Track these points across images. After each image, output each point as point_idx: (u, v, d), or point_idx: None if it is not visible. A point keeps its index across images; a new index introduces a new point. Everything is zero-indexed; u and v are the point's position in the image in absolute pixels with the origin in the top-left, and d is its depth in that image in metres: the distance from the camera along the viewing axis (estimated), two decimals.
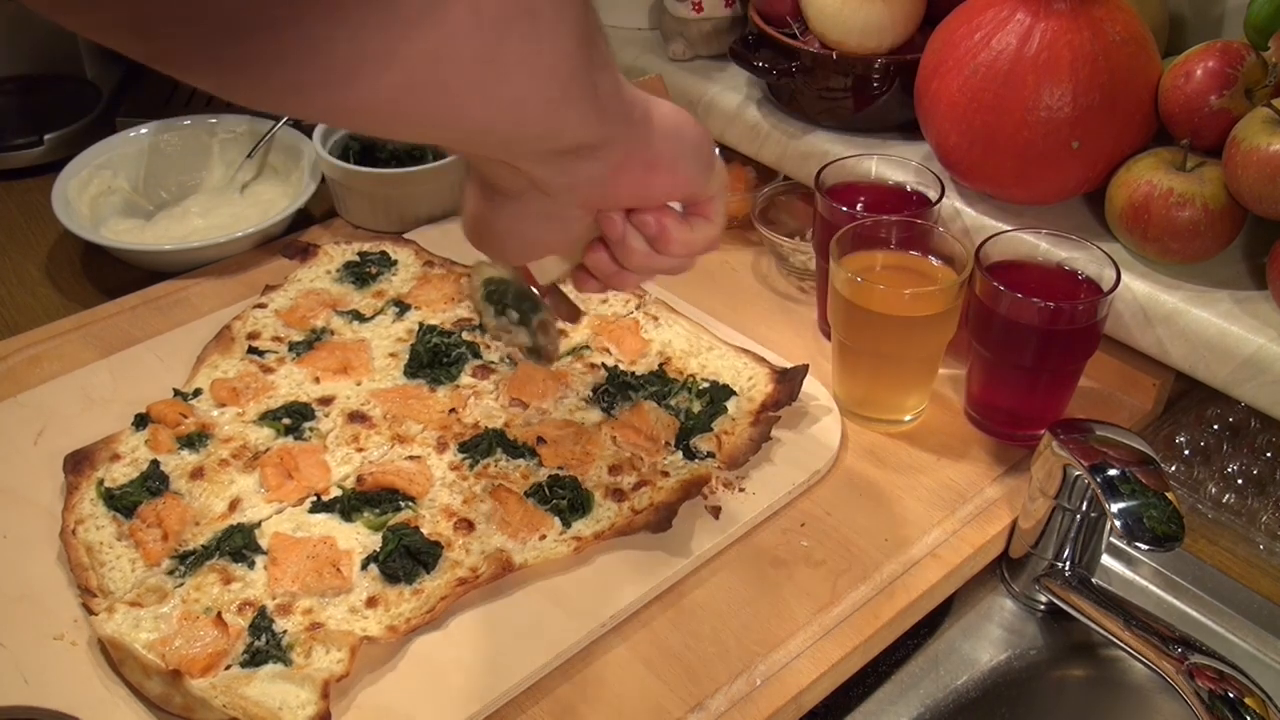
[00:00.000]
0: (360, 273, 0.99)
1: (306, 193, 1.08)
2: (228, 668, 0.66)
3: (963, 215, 0.93)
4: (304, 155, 1.12)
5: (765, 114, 1.06)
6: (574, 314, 0.72)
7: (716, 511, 0.78)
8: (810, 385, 0.88)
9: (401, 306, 0.95)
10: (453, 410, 0.85)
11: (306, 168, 1.11)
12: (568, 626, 0.70)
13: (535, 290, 0.67)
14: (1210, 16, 0.97)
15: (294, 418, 0.84)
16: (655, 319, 0.94)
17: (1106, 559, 0.83)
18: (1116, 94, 0.83)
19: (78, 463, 0.79)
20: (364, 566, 0.72)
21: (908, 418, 0.88)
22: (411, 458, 0.81)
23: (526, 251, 0.62)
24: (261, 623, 0.68)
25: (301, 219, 1.11)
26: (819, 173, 0.92)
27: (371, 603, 0.70)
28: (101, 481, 0.78)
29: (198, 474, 0.79)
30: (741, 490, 0.80)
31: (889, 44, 0.98)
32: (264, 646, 0.67)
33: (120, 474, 0.79)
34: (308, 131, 1.14)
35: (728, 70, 1.12)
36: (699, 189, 0.61)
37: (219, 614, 0.68)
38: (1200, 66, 0.82)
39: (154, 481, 0.78)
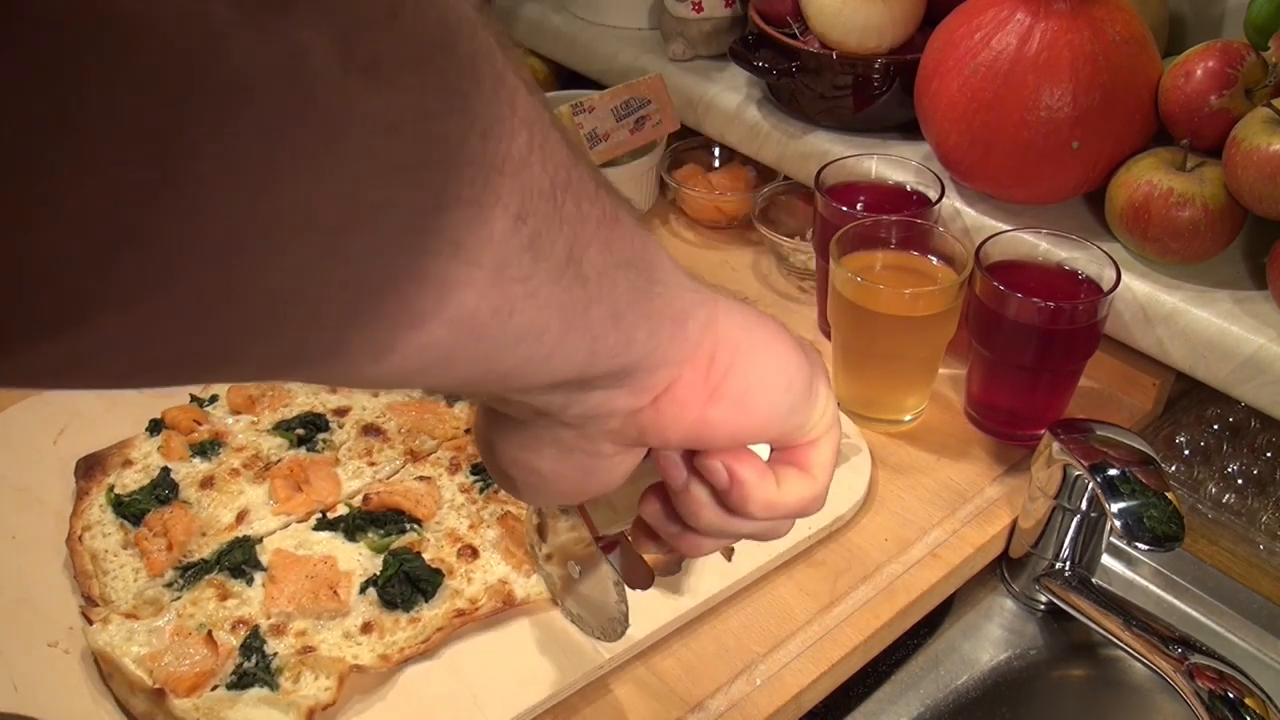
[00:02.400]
0: None
1: None
2: (214, 688, 0.65)
3: (963, 215, 0.93)
4: None
5: (765, 114, 1.06)
6: (644, 578, 0.51)
7: (729, 553, 0.75)
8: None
9: None
10: (468, 430, 0.83)
11: None
12: (565, 667, 0.68)
13: (594, 541, 0.51)
14: (1210, 16, 0.97)
15: (307, 428, 0.83)
16: None
17: (1106, 559, 0.83)
18: (1116, 94, 0.83)
19: (89, 468, 0.79)
20: (362, 590, 0.71)
21: (908, 418, 0.88)
22: (422, 478, 0.79)
23: (545, 493, 0.45)
24: (253, 643, 0.67)
25: None
26: (819, 173, 0.92)
27: (367, 628, 0.69)
28: (112, 488, 0.77)
29: (208, 483, 0.78)
30: None
31: (889, 44, 0.98)
32: (252, 668, 0.66)
33: (131, 480, 0.78)
34: None
35: (728, 70, 1.12)
36: (791, 433, 0.45)
37: (209, 632, 0.67)
38: (1200, 66, 0.82)
39: (163, 490, 0.77)
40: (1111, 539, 0.80)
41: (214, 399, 0.85)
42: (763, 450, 0.46)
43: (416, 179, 0.26)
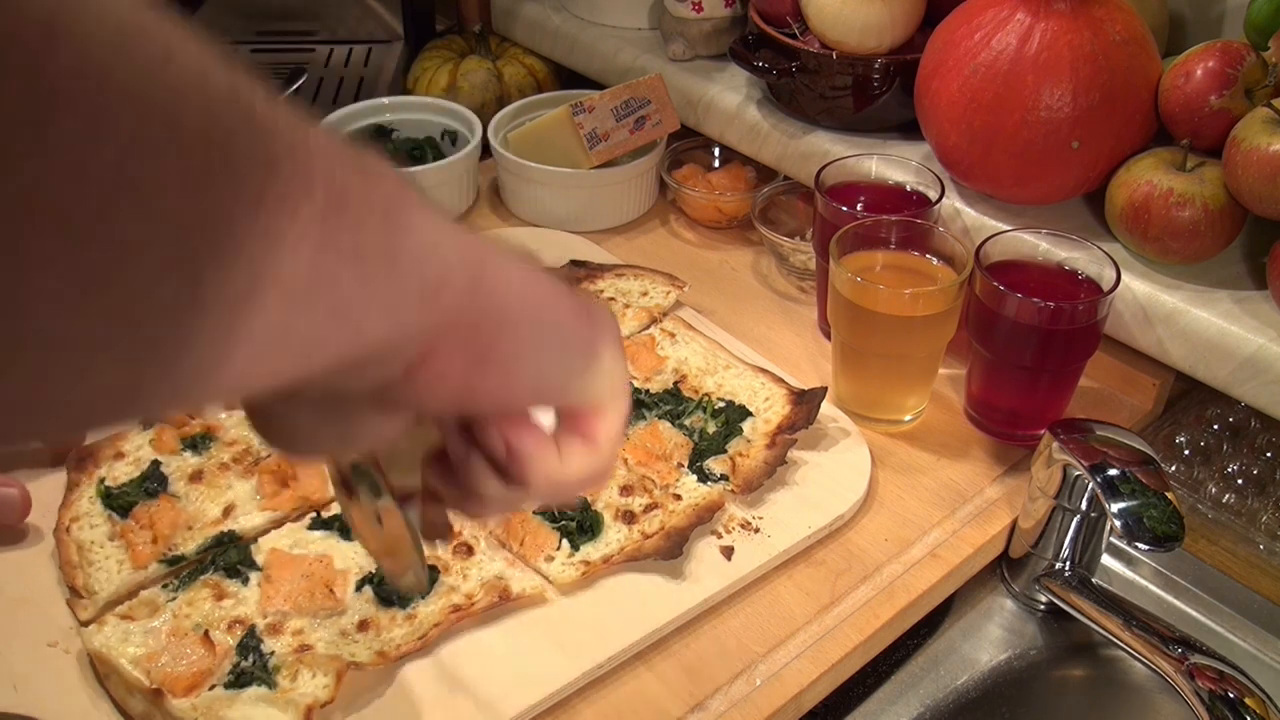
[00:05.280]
0: None
1: None
2: (211, 688, 0.65)
3: (963, 215, 0.93)
4: None
5: (765, 114, 1.06)
6: (441, 530, 0.51)
7: (729, 553, 0.75)
8: (833, 411, 0.86)
9: None
10: None
11: None
12: (563, 666, 0.68)
13: (389, 493, 0.49)
14: (1210, 16, 0.97)
15: None
16: (672, 335, 0.92)
17: (1106, 559, 0.83)
18: (1116, 94, 0.83)
19: (81, 460, 0.79)
20: (358, 588, 0.71)
21: (908, 418, 0.88)
22: None
23: (307, 446, 0.42)
24: (250, 642, 0.67)
25: None
26: (819, 173, 0.92)
27: (363, 626, 0.69)
28: (103, 480, 0.78)
29: (197, 477, 0.78)
30: (757, 531, 0.77)
31: (889, 44, 0.98)
32: (250, 667, 0.66)
33: (122, 473, 0.78)
34: None
35: (728, 70, 1.12)
36: (570, 396, 0.43)
37: (206, 632, 0.67)
38: (1200, 66, 0.82)
39: (152, 483, 0.78)
40: (1111, 539, 0.80)
41: None
42: (550, 414, 0.44)
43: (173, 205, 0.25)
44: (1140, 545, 0.67)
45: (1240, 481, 0.85)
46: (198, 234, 0.27)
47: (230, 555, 0.72)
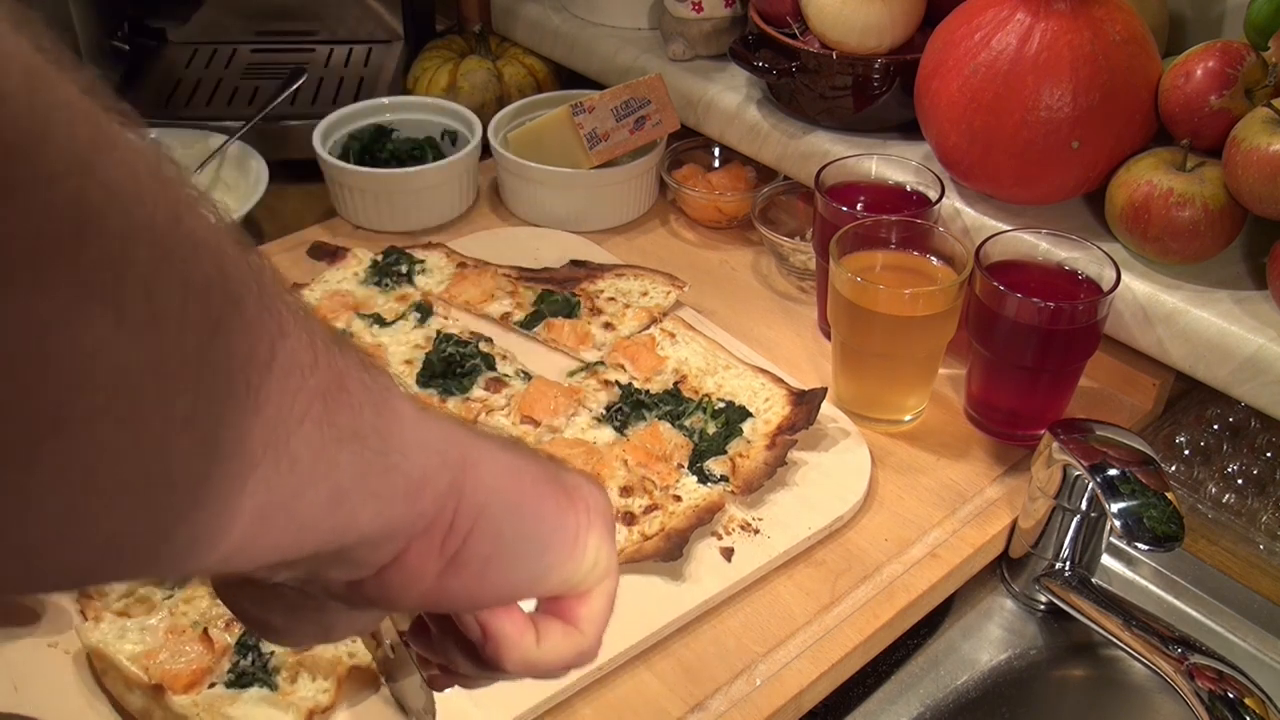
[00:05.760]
0: (390, 272, 0.99)
1: (249, 203, 1.06)
2: (211, 686, 0.65)
3: (963, 215, 0.93)
4: (252, 170, 1.11)
5: (765, 114, 1.06)
6: (439, 682, 0.50)
7: (729, 554, 0.75)
8: (833, 411, 0.86)
9: (424, 312, 0.94)
10: None
11: (253, 181, 1.10)
12: None
13: (398, 634, 0.50)
14: (1210, 16, 0.97)
15: None
16: (672, 336, 0.92)
17: (1106, 559, 0.83)
18: (1116, 94, 0.83)
19: None
20: None
21: (908, 418, 0.88)
22: None
23: (292, 641, 0.42)
24: (249, 640, 0.67)
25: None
26: (819, 173, 0.92)
27: None
28: None
29: None
30: (757, 532, 0.77)
31: (889, 44, 0.98)
32: (250, 667, 0.66)
33: None
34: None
35: (728, 70, 1.12)
36: (549, 589, 0.42)
37: (205, 630, 0.67)
38: (1200, 66, 0.82)
39: None
40: (1111, 539, 0.80)
41: None
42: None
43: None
44: (1140, 545, 0.67)
45: (1240, 481, 0.85)
46: (220, 380, 0.26)
47: None
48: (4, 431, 0.22)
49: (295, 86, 1.21)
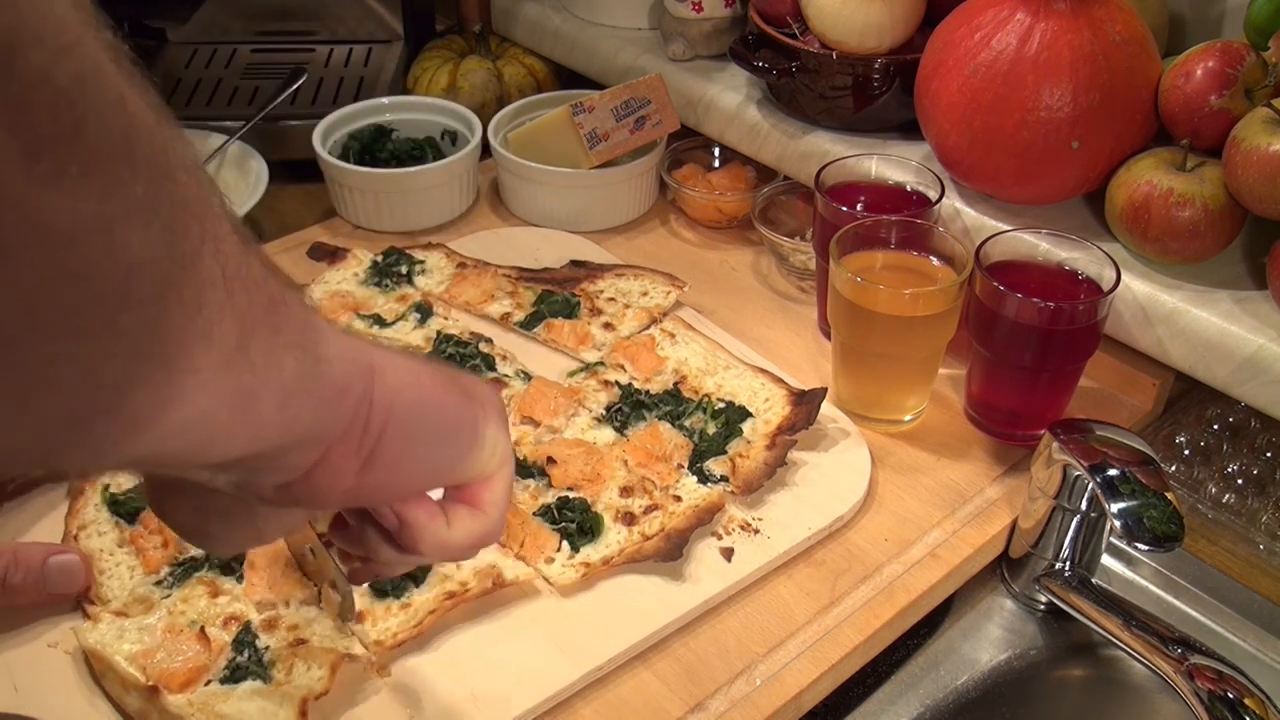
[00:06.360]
0: (390, 273, 0.99)
1: (249, 203, 1.06)
2: (207, 683, 0.65)
3: (963, 215, 0.93)
4: (252, 170, 1.11)
5: (765, 114, 1.06)
6: (358, 575, 0.55)
7: (729, 554, 0.75)
8: (833, 411, 0.86)
9: (424, 312, 0.94)
10: None
11: (253, 181, 1.10)
12: (563, 667, 0.68)
13: (318, 537, 0.54)
14: (1210, 16, 0.97)
15: None
16: (672, 336, 0.92)
17: (1106, 559, 0.83)
18: (1116, 94, 0.83)
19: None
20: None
21: (908, 418, 0.88)
22: None
23: (224, 547, 0.49)
24: (245, 637, 0.67)
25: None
26: (819, 173, 0.92)
27: (359, 617, 0.69)
28: (107, 487, 0.77)
29: None
30: (757, 532, 0.77)
31: (889, 44, 0.98)
32: (245, 662, 0.66)
33: (127, 479, 0.78)
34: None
35: (728, 70, 1.12)
36: (456, 477, 0.47)
37: (202, 629, 0.67)
38: (1200, 66, 0.82)
39: None
40: (1111, 539, 0.80)
41: None
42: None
43: (98, 283, 0.27)
44: (1140, 545, 0.67)
45: (1240, 481, 0.85)
46: (173, 269, 0.29)
47: None
48: None
49: (295, 86, 1.21)
